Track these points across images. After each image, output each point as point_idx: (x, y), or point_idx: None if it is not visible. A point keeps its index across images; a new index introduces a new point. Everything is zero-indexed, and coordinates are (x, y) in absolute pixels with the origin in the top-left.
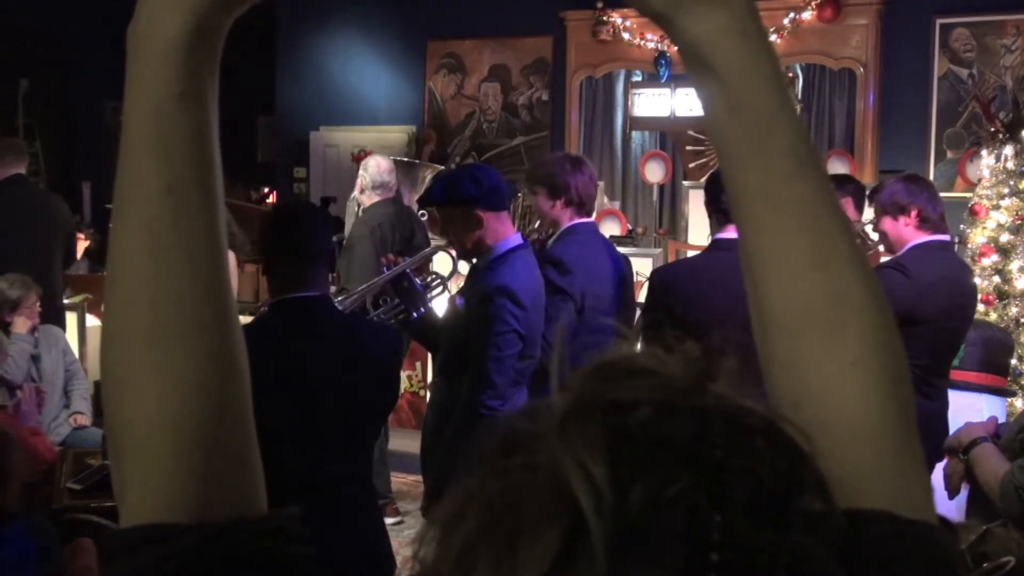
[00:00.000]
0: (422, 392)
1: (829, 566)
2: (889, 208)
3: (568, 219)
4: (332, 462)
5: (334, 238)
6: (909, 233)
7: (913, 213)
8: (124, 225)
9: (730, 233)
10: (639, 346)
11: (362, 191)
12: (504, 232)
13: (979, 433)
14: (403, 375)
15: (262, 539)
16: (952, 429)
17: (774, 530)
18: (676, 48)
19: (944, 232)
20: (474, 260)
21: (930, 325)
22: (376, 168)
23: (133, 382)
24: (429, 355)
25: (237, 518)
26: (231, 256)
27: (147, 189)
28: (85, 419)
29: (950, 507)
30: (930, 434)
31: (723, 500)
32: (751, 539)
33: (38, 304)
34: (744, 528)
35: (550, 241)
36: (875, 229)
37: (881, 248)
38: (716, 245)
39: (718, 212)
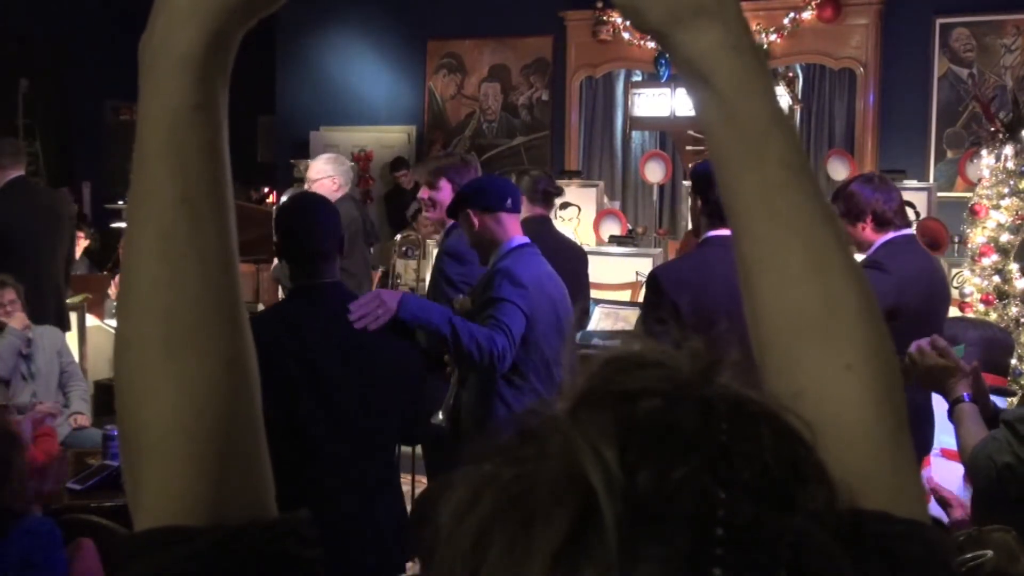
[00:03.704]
0: None
1: (831, 549)
2: (845, 215)
3: None
4: (348, 440)
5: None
6: (869, 235)
7: (868, 218)
8: (139, 234)
9: (721, 231)
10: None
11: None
12: (506, 234)
13: (960, 391)
14: None
15: (275, 542)
16: (947, 428)
17: (779, 512)
18: (673, 62)
19: (907, 226)
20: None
21: (911, 317)
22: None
23: (148, 387)
24: None
25: (249, 521)
26: None
27: (163, 199)
28: (85, 419)
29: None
30: (915, 427)
31: (728, 482)
32: (756, 518)
33: (16, 304)
34: (749, 507)
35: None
36: None
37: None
38: (709, 242)
39: (710, 212)
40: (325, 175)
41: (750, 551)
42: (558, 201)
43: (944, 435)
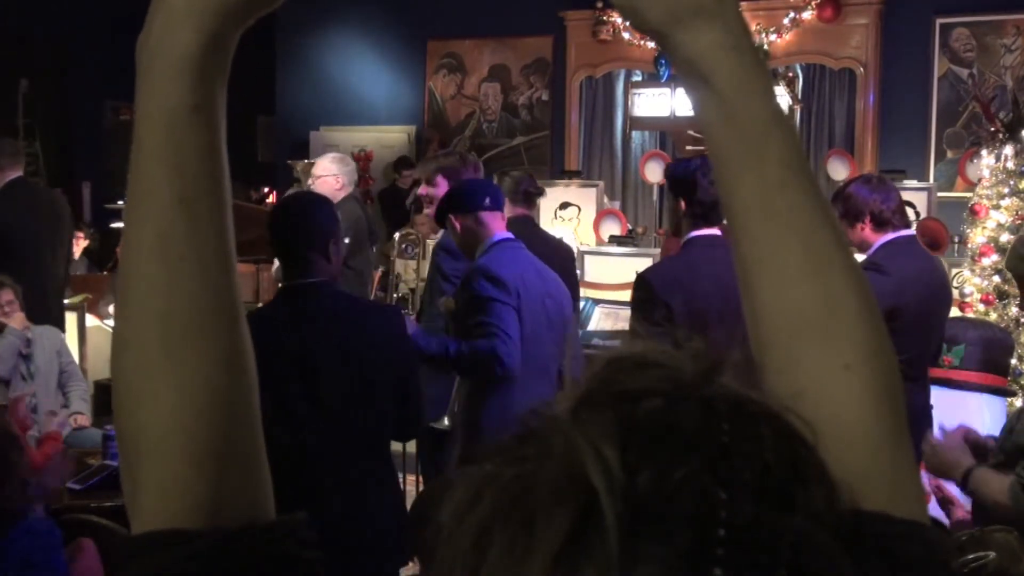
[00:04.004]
0: None
1: (832, 549)
2: (844, 216)
3: None
4: (344, 440)
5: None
6: (869, 236)
7: (867, 219)
8: (137, 235)
9: (704, 231)
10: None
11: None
12: (488, 231)
13: (967, 462)
14: None
15: (274, 543)
16: (948, 428)
17: (779, 512)
18: (672, 62)
19: (906, 226)
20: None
21: (911, 319)
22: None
23: (147, 389)
24: None
25: (248, 523)
26: None
27: (161, 200)
28: (85, 419)
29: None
30: (915, 427)
31: (729, 482)
32: (756, 518)
33: (15, 304)
34: (750, 507)
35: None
36: None
37: None
38: (694, 242)
39: (693, 213)
40: (329, 173)
41: (750, 551)
42: (556, 202)
43: None
